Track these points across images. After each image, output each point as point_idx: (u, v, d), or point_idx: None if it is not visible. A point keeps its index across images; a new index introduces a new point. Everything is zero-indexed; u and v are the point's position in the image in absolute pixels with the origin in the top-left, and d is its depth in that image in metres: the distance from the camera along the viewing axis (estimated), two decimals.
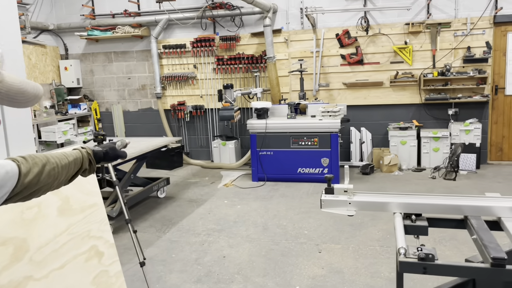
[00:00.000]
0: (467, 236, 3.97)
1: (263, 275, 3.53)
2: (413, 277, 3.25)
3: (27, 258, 2.12)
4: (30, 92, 0.88)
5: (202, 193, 5.95)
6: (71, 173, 1.42)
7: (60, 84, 8.05)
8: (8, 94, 0.84)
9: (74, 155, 1.44)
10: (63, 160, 1.36)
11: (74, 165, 1.42)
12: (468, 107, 6.78)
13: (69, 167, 1.38)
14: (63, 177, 1.37)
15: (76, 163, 1.43)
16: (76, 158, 1.43)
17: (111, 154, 1.64)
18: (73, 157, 1.42)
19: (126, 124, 8.31)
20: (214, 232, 4.49)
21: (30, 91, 0.88)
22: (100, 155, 1.58)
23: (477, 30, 6.61)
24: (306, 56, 7.17)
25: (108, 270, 2.59)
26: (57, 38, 8.24)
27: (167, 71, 7.87)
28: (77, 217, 2.44)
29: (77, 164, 1.43)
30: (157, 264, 3.79)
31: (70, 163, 1.39)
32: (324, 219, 4.71)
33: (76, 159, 1.43)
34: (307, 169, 6.22)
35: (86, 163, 1.49)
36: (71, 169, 1.40)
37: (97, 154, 1.56)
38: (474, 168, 6.52)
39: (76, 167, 1.44)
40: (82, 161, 1.46)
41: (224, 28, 7.48)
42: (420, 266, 1.63)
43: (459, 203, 2.00)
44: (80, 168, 1.46)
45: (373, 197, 2.14)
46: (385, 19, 6.91)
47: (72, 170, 1.41)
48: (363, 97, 7.12)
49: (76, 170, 1.45)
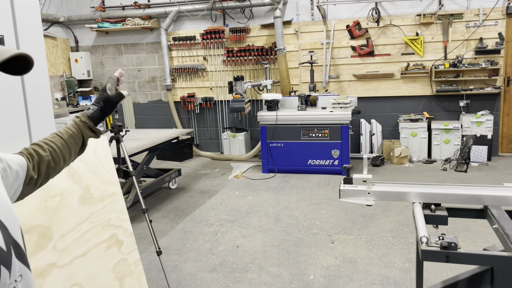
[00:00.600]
0: (480, 228, 3.99)
1: (277, 264, 3.56)
2: (426, 267, 3.27)
3: (50, 246, 2.17)
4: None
5: (213, 184, 5.99)
6: (75, 148, 1.42)
7: (70, 76, 8.10)
8: None
9: (69, 131, 1.42)
10: (58, 141, 1.37)
11: (73, 140, 1.40)
12: (480, 99, 6.74)
13: (68, 145, 1.38)
14: (67, 156, 1.38)
15: (74, 137, 1.41)
16: (73, 133, 1.41)
17: (108, 105, 1.51)
18: (68, 134, 1.40)
19: (136, 116, 8.35)
20: (227, 223, 4.53)
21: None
22: (97, 115, 1.48)
23: (489, 21, 6.55)
24: (316, 47, 7.15)
25: (127, 258, 2.64)
26: (67, 30, 8.27)
27: (177, 63, 7.89)
28: (98, 206, 2.48)
29: (76, 138, 1.41)
30: (172, 253, 3.84)
31: (68, 141, 1.38)
32: (335, 210, 4.74)
33: (73, 133, 1.41)
34: (318, 160, 6.23)
35: (87, 130, 1.45)
36: (72, 144, 1.40)
37: (94, 116, 1.48)
38: (486, 160, 6.50)
39: (78, 140, 1.42)
40: (81, 132, 1.43)
41: (234, 19, 7.47)
42: (443, 255, 1.64)
43: (479, 192, 2.01)
44: (82, 139, 1.44)
45: (392, 187, 2.15)
46: (397, 10, 6.86)
47: (75, 144, 1.41)
48: (374, 89, 7.10)
49: (81, 142, 1.44)
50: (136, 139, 5.00)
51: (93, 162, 2.50)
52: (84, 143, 1.46)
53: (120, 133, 3.36)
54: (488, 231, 3.82)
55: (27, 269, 0.94)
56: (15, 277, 0.88)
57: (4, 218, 0.92)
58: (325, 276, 3.34)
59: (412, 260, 3.49)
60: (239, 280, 3.34)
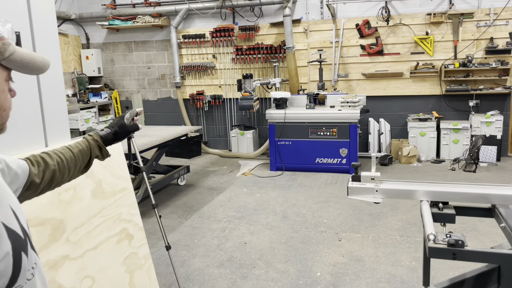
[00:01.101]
0: (488, 227, 3.98)
1: (285, 261, 3.59)
2: (433, 266, 3.28)
3: (63, 239, 2.22)
4: (39, 61, 0.99)
5: (221, 181, 6.03)
6: (81, 164, 1.46)
7: (81, 73, 8.18)
8: (22, 63, 0.95)
9: (79, 146, 1.47)
10: (67, 154, 1.41)
11: (81, 155, 1.45)
12: (490, 99, 6.70)
13: (76, 159, 1.43)
14: (72, 169, 1.42)
15: (83, 153, 1.46)
16: (82, 149, 1.47)
17: (121, 132, 1.58)
18: (78, 149, 1.45)
19: (146, 113, 8.42)
20: (235, 219, 4.57)
21: (39, 61, 0.99)
22: (109, 138, 1.55)
23: (500, 21, 6.50)
24: (326, 46, 7.16)
25: (137, 252, 2.69)
26: (78, 27, 8.36)
27: (187, 61, 7.94)
28: (109, 200, 2.53)
29: (84, 154, 1.46)
30: (180, 248, 3.89)
31: (76, 155, 1.43)
32: (343, 208, 4.75)
33: (82, 149, 1.47)
34: (326, 159, 6.25)
35: (96, 150, 1.50)
36: (80, 159, 1.45)
37: (106, 138, 1.55)
38: (495, 160, 6.47)
39: (85, 156, 1.47)
40: (90, 150, 1.48)
41: (244, 18, 7.50)
42: (450, 252, 1.66)
43: (487, 191, 2.02)
44: (90, 156, 1.49)
45: (400, 185, 2.16)
46: (406, 9, 6.84)
47: (82, 160, 1.45)
48: (383, 88, 7.09)
49: (87, 160, 1.48)
50: (146, 135, 5.05)
51: None
52: (90, 161, 1.50)
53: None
54: (496, 231, 3.81)
55: (38, 258, 1.00)
56: (31, 264, 0.93)
57: (14, 206, 0.97)
58: (332, 273, 3.37)
59: (419, 259, 3.50)
60: (246, 276, 3.38)
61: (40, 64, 1.00)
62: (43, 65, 1.00)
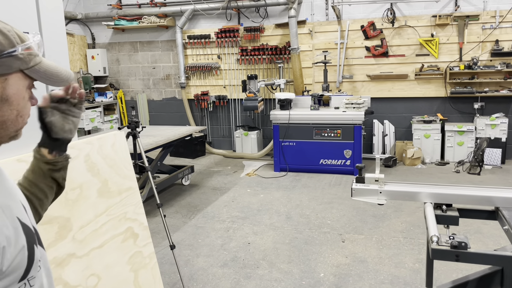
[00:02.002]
0: (492, 230, 3.98)
1: (288, 262, 3.61)
2: (437, 268, 3.29)
3: (70, 237, 2.24)
4: (63, 74, 1.03)
5: (225, 182, 6.05)
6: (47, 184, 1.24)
7: (87, 73, 8.24)
8: (45, 74, 0.98)
9: (32, 168, 1.25)
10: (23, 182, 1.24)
11: (34, 175, 1.23)
12: (495, 101, 6.69)
13: (34, 181, 1.23)
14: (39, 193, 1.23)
15: (35, 172, 1.23)
16: (32, 168, 1.24)
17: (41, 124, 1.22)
18: (27, 172, 1.25)
19: (151, 113, 8.46)
20: (238, 220, 4.59)
21: (63, 74, 1.03)
22: (43, 140, 1.24)
23: (506, 23, 6.49)
24: (330, 47, 7.16)
25: (142, 251, 2.71)
26: (84, 27, 8.41)
27: (191, 61, 7.97)
28: (115, 199, 2.55)
29: (36, 172, 1.23)
30: (184, 248, 3.91)
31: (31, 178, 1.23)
32: (346, 209, 4.76)
33: (32, 168, 1.24)
34: (330, 160, 6.25)
35: (40, 164, 1.23)
36: (39, 181, 1.23)
37: (45, 144, 1.23)
38: (499, 163, 6.45)
39: (39, 175, 1.23)
40: (37, 166, 1.24)
41: (249, 19, 7.52)
42: (453, 254, 1.67)
43: (490, 194, 2.02)
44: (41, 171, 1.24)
45: (404, 187, 2.18)
46: (412, 11, 6.84)
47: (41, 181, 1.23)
48: (387, 89, 7.09)
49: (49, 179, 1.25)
50: (151, 135, 5.08)
51: (111, 156, 2.57)
52: (52, 176, 1.24)
53: (137, 129, 3.43)
54: (500, 234, 3.81)
55: (44, 251, 1.04)
56: (38, 257, 0.98)
57: (24, 203, 1.03)
58: (335, 274, 3.38)
59: (422, 260, 3.50)
60: (250, 276, 3.39)
61: (64, 77, 1.03)
62: (67, 78, 1.04)
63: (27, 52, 0.95)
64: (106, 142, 2.57)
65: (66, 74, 1.04)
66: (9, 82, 0.93)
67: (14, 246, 0.88)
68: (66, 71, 1.04)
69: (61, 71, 1.03)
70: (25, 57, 0.94)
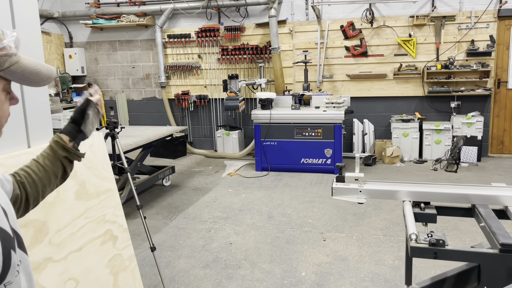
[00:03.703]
0: (469, 227, 4.07)
1: (270, 261, 3.61)
2: (416, 265, 3.34)
3: (46, 240, 2.19)
4: (43, 72, 0.98)
5: (206, 182, 6.02)
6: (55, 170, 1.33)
7: (64, 72, 8.08)
8: (23, 74, 0.93)
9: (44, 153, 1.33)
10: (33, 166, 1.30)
11: (49, 162, 1.32)
12: (471, 100, 6.84)
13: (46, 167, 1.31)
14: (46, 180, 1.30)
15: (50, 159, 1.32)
16: (48, 155, 1.33)
17: (77, 114, 1.38)
18: (43, 157, 1.33)
19: (130, 113, 8.35)
20: (220, 220, 4.57)
21: (43, 72, 0.97)
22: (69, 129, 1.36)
23: (481, 24, 6.64)
24: (311, 47, 7.20)
25: (122, 254, 2.67)
26: (61, 26, 8.24)
27: (172, 61, 7.90)
28: (93, 201, 2.51)
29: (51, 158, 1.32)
30: (165, 249, 3.87)
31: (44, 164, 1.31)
32: (328, 208, 4.79)
33: (48, 155, 1.33)
34: (311, 159, 6.29)
35: (60, 151, 1.33)
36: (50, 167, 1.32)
37: (67, 131, 1.36)
38: (475, 160, 6.60)
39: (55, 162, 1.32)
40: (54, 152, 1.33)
41: (229, 18, 7.50)
42: (431, 251, 1.70)
43: (467, 192, 2.07)
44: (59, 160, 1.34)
45: (383, 186, 2.20)
46: (390, 11, 6.93)
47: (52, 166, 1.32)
48: (367, 89, 7.17)
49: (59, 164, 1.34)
50: (130, 136, 5.01)
51: (89, 158, 2.52)
52: (63, 165, 1.35)
53: (116, 129, 3.38)
54: (476, 230, 3.90)
55: (25, 255, 1.01)
56: (17, 261, 0.95)
57: (5, 206, 1.00)
58: (316, 273, 3.40)
59: (402, 257, 3.55)
60: (232, 276, 3.38)
61: (44, 76, 0.98)
62: (47, 77, 0.99)
63: (2, 53, 0.90)
64: (83, 143, 2.52)
65: (46, 73, 0.99)
66: None
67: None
68: (46, 68, 1.00)
69: (41, 68, 0.98)
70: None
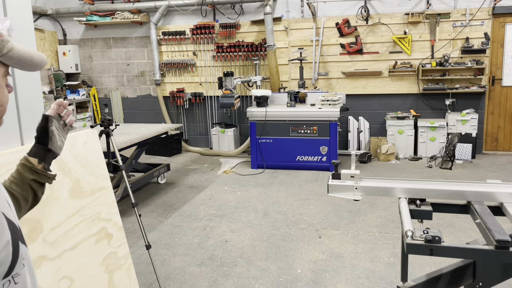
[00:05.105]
0: (464, 224, 4.08)
1: (266, 259, 3.60)
2: (411, 261, 3.35)
3: (40, 239, 2.17)
4: (36, 58, 1.01)
5: (202, 180, 6.00)
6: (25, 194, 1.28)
7: (58, 70, 8.01)
8: (19, 59, 0.96)
9: (11, 177, 1.28)
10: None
11: (16, 186, 1.26)
12: (465, 98, 6.86)
13: (13, 192, 1.25)
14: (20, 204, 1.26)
15: (17, 183, 1.26)
16: (14, 179, 1.27)
17: (39, 133, 1.30)
18: (9, 181, 1.27)
19: (125, 110, 8.31)
20: (216, 218, 4.56)
21: (36, 57, 1.01)
22: (35, 150, 1.29)
23: (476, 21, 6.66)
24: (306, 44, 7.19)
25: (116, 252, 2.65)
26: (55, 23, 8.18)
27: (166, 58, 7.86)
28: (88, 199, 2.49)
29: (19, 183, 1.26)
30: (160, 247, 3.86)
31: (9, 188, 1.26)
32: (323, 205, 4.79)
33: (14, 179, 1.27)
34: (306, 157, 6.29)
35: (28, 173, 1.27)
36: (18, 192, 1.26)
37: (34, 152, 1.29)
38: (470, 157, 6.63)
39: (23, 186, 1.27)
40: (21, 175, 1.28)
41: (224, 15, 7.47)
42: (427, 248, 1.70)
43: (463, 188, 2.07)
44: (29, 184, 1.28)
45: (379, 183, 2.20)
46: (385, 9, 6.93)
47: (21, 191, 1.27)
48: (362, 86, 7.18)
49: (28, 188, 1.28)
50: (125, 133, 4.99)
51: (83, 155, 2.50)
52: (33, 188, 1.28)
53: (110, 127, 3.35)
54: (471, 227, 3.92)
55: (26, 249, 1.04)
56: (23, 254, 0.98)
57: (10, 204, 1.02)
58: (312, 270, 3.40)
59: (397, 254, 3.56)
60: (227, 274, 3.38)
61: (37, 61, 1.01)
62: (40, 62, 1.02)
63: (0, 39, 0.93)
64: (77, 140, 2.50)
65: (39, 58, 1.02)
66: None
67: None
68: (39, 55, 1.03)
69: (34, 55, 1.01)
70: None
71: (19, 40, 2.16)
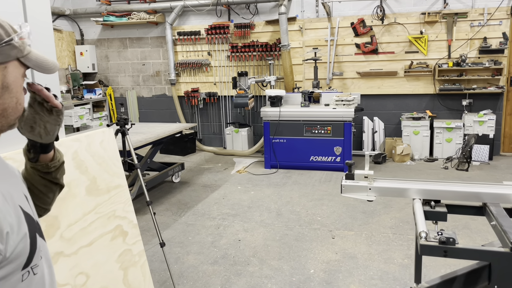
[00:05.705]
0: (480, 226, 4.03)
1: (278, 258, 3.61)
2: (425, 263, 3.32)
3: (58, 235, 2.22)
4: (50, 61, 1.07)
5: (215, 179, 6.04)
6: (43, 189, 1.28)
7: (75, 69, 8.14)
8: (37, 61, 1.02)
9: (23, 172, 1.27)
10: None
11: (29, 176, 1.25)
12: (483, 98, 6.76)
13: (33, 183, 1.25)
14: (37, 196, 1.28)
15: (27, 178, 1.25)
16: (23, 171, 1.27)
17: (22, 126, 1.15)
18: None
19: (140, 110, 8.40)
20: (229, 217, 4.58)
21: (50, 61, 1.07)
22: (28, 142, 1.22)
23: (494, 21, 6.55)
24: (321, 44, 7.17)
25: (131, 249, 2.69)
26: (73, 23, 8.31)
27: (181, 58, 7.92)
28: (104, 197, 2.53)
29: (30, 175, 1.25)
30: (174, 246, 3.89)
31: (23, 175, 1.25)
32: (337, 206, 4.78)
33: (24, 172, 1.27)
34: (320, 157, 6.27)
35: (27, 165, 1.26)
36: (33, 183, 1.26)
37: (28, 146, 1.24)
38: (487, 159, 6.52)
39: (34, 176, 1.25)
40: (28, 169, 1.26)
41: (239, 15, 7.49)
42: (441, 250, 1.69)
43: (478, 190, 2.05)
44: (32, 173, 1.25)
45: (393, 183, 2.19)
46: (401, 8, 6.87)
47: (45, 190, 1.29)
48: (377, 86, 7.12)
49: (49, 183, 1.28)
50: (140, 132, 5.05)
51: (100, 154, 2.55)
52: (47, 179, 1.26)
53: (126, 126, 3.40)
54: (487, 229, 3.86)
55: (44, 242, 1.07)
56: (40, 247, 1.02)
57: (27, 197, 1.08)
58: (325, 270, 3.39)
59: (411, 256, 3.53)
60: (240, 273, 3.39)
61: (51, 65, 1.07)
62: (54, 66, 1.08)
63: (21, 41, 0.99)
64: (94, 139, 2.54)
65: (52, 62, 1.08)
66: (8, 70, 0.96)
67: (17, 233, 0.91)
68: (51, 59, 1.09)
69: (48, 59, 1.08)
70: (20, 46, 0.98)
71: (39, 44, 2.22)
